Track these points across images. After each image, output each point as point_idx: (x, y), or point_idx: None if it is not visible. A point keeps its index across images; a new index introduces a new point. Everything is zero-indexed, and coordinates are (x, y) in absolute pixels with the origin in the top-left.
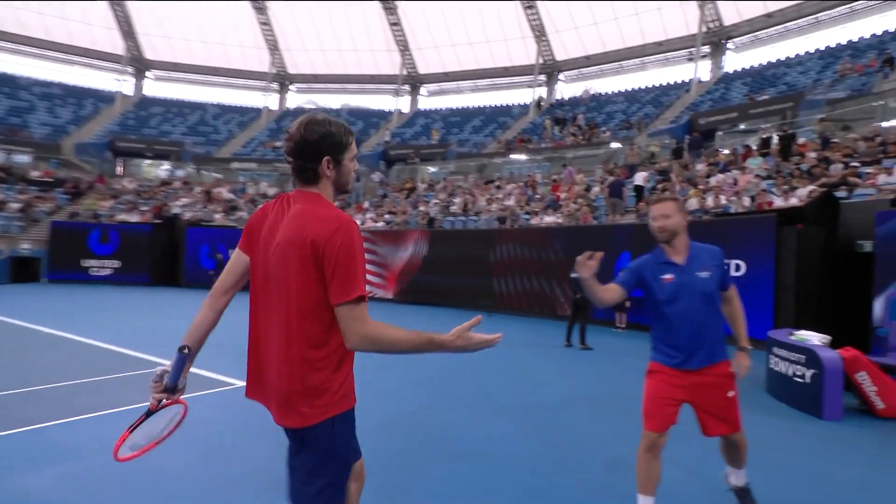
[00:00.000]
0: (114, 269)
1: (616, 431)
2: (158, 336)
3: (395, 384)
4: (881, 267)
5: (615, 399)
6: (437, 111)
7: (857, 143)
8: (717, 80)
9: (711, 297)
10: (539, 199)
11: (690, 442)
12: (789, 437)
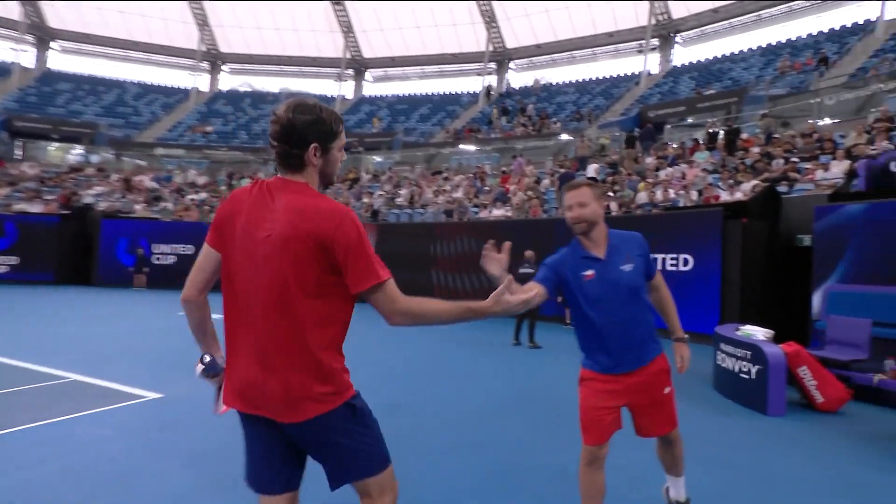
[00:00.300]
0: (10, 266)
1: (563, 437)
2: (67, 344)
3: None
4: (819, 261)
5: (562, 401)
6: (383, 98)
7: (796, 140)
8: (666, 74)
9: (637, 291)
10: (488, 191)
11: (633, 446)
12: (735, 433)
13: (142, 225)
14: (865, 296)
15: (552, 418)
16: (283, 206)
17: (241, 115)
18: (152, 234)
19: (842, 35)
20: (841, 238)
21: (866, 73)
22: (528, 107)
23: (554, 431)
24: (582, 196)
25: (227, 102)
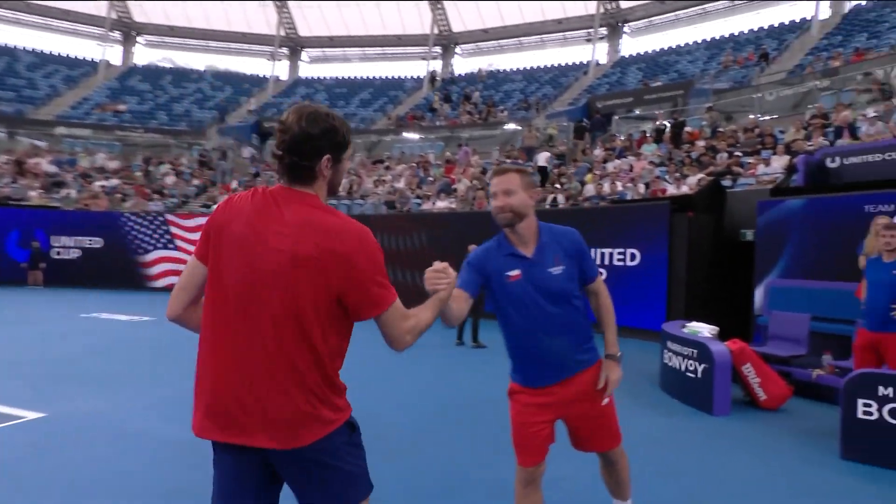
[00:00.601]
0: None
1: (507, 447)
2: None
3: None
4: (761, 255)
5: (504, 406)
6: (321, 80)
7: (739, 134)
8: (614, 64)
9: (565, 297)
10: (432, 181)
11: (570, 457)
12: (683, 436)
13: (38, 214)
14: (804, 290)
15: (495, 426)
16: (297, 220)
17: (160, 94)
18: (51, 225)
19: (781, 32)
20: (782, 233)
21: (803, 70)
22: (475, 94)
23: (497, 441)
24: (509, 182)
25: (144, 79)
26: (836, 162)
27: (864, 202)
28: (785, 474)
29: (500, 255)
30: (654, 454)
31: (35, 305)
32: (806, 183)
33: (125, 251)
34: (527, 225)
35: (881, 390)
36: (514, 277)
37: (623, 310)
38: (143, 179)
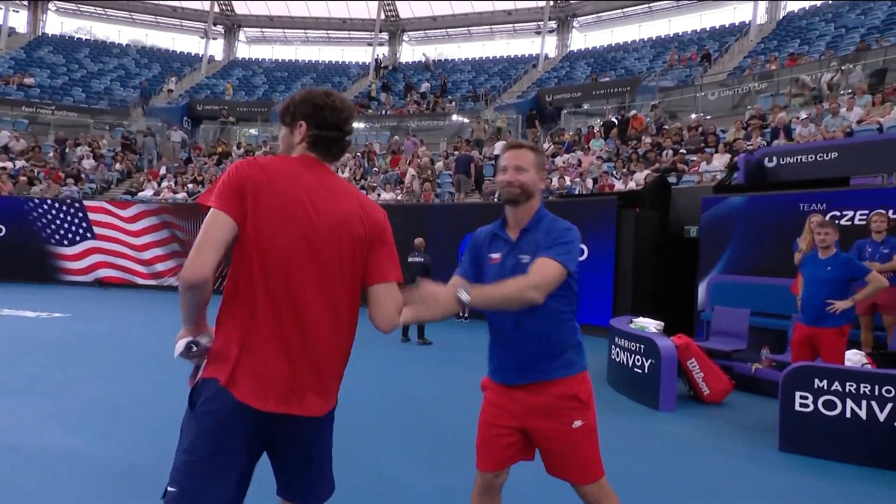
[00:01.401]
0: None
1: (447, 453)
2: None
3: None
4: (705, 252)
5: (451, 409)
6: (259, 62)
7: (683, 132)
8: (563, 58)
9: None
10: (377, 172)
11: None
12: (628, 434)
13: None
14: (744, 286)
15: (442, 428)
16: (337, 188)
17: (75, 68)
18: None
19: (721, 34)
20: (724, 230)
21: (742, 72)
22: (424, 85)
23: (437, 447)
24: (521, 159)
25: (56, 50)
26: (773, 161)
27: (799, 200)
28: (726, 471)
29: (490, 234)
30: (609, 457)
31: None
32: (746, 181)
33: (33, 241)
34: (528, 207)
35: (816, 383)
36: (494, 260)
37: None
38: (56, 162)
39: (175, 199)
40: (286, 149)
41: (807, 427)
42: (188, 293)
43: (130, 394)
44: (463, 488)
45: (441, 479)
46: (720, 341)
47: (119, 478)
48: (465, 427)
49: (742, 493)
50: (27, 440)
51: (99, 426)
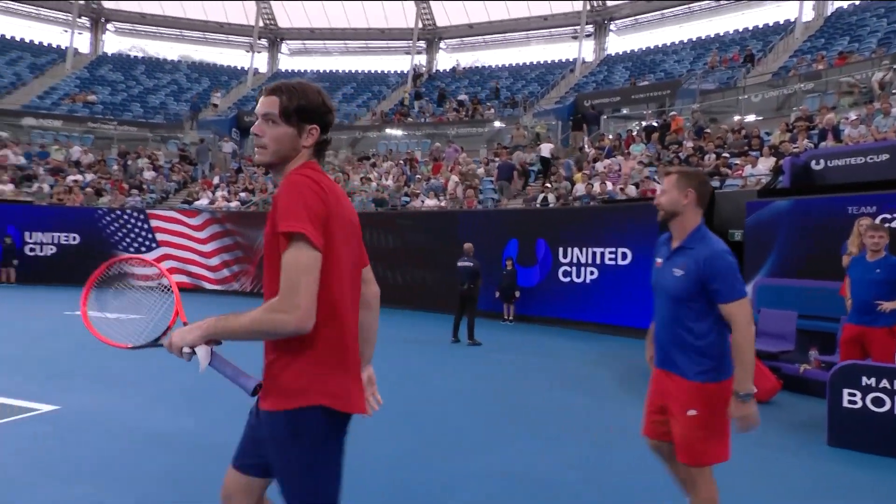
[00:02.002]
0: None
1: (513, 435)
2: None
3: None
4: (750, 255)
5: (505, 401)
6: (302, 73)
7: (727, 135)
8: (601, 62)
9: (680, 300)
10: (419, 179)
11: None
12: None
13: (10, 209)
14: (791, 289)
15: (500, 418)
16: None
17: (133, 84)
18: (24, 221)
19: (765, 33)
20: (769, 233)
21: (787, 72)
22: (461, 93)
23: (504, 432)
24: (666, 181)
25: (115, 68)
26: (820, 164)
27: (848, 203)
28: (776, 462)
29: (665, 239)
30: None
31: (11, 303)
32: (792, 184)
33: (105, 248)
34: (679, 222)
35: (864, 380)
36: (658, 264)
37: (614, 308)
38: (120, 174)
39: (229, 208)
40: (288, 150)
41: (855, 423)
42: (281, 333)
43: (214, 381)
44: (527, 468)
45: (509, 461)
46: (767, 343)
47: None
48: (520, 418)
49: (791, 484)
50: (139, 420)
51: (197, 409)
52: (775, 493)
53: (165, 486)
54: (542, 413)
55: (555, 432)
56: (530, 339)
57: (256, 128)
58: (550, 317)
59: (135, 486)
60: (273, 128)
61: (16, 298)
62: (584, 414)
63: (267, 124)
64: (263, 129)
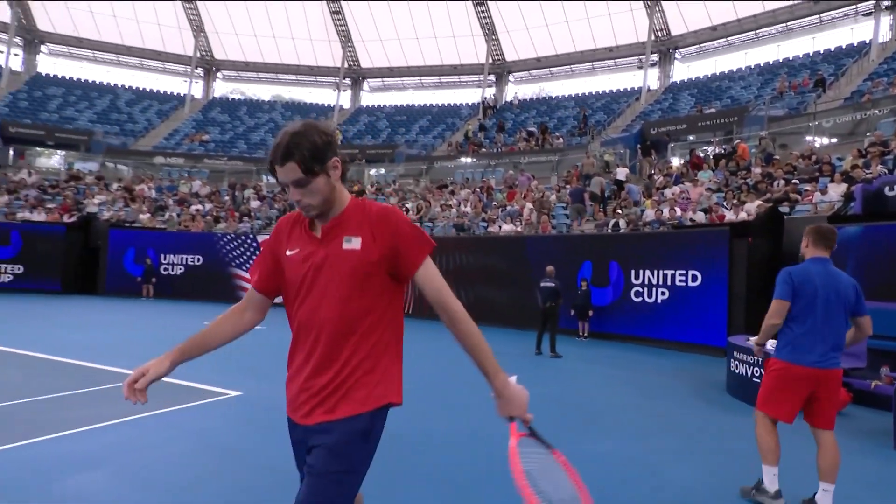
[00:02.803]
0: (15, 275)
1: (598, 433)
2: (128, 347)
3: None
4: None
5: (593, 403)
6: (381, 108)
7: (796, 161)
8: (666, 90)
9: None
10: (496, 205)
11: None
12: (749, 431)
13: (149, 235)
14: None
15: (586, 416)
16: None
17: (238, 124)
18: (160, 245)
19: (837, 56)
20: (840, 257)
21: (861, 95)
22: (531, 125)
23: (588, 427)
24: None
25: (223, 110)
26: (894, 191)
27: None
28: (843, 464)
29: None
30: (726, 446)
31: (168, 313)
32: (864, 211)
33: (223, 267)
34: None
35: None
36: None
37: (685, 326)
38: (231, 203)
39: None
40: (329, 195)
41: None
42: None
43: None
44: (604, 453)
45: (595, 444)
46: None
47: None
48: (618, 425)
49: (859, 480)
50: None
51: None
52: (845, 489)
53: None
54: (628, 414)
55: (640, 430)
56: (605, 353)
57: (294, 195)
58: (623, 334)
59: None
60: (307, 188)
61: (162, 310)
62: (666, 416)
63: (300, 190)
64: (301, 194)
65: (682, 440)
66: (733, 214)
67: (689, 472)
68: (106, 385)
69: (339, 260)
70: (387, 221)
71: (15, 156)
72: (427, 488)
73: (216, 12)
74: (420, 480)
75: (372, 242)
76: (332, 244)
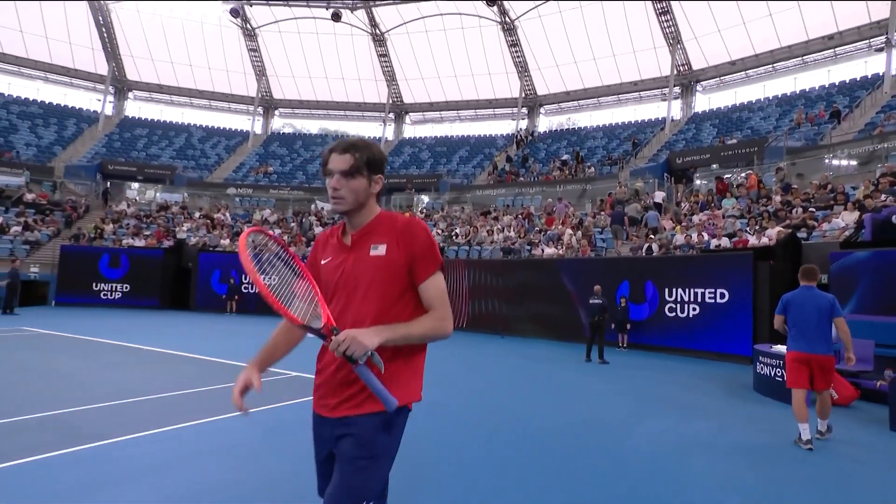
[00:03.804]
0: (123, 292)
1: (660, 413)
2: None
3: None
4: (834, 295)
5: (645, 397)
6: (423, 140)
7: (813, 190)
8: (689, 120)
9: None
10: (538, 230)
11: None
12: (771, 419)
13: (231, 258)
14: (870, 323)
15: (641, 405)
16: None
17: (295, 157)
18: (241, 266)
19: (852, 88)
20: (851, 278)
21: (874, 128)
22: (563, 154)
23: (645, 412)
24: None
25: (281, 144)
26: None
27: None
28: (844, 438)
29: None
30: (758, 428)
31: (254, 325)
32: (873, 238)
33: None
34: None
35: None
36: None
37: (714, 338)
38: (298, 229)
39: None
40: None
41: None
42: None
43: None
44: (651, 443)
45: (639, 440)
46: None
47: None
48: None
49: (859, 450)
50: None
51: (510, 395)
52: (853, 455)
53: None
54: (673, 405)
55: (686, 415)
56: (644, 361)
57: (335, 182)
58: (658, 345)
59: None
60: (350, 181)
61: (252, 322)
62: (705, 406)
63: (344, 178)
64: (341, 182)
65: (721, 420)
66: (756, 239)
67: (731, 440)
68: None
69: (366, 264)
70: (410, 232)
71: (112, 189)
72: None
73: (277, 57)
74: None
75: (396, 249)
76: (360, 251)
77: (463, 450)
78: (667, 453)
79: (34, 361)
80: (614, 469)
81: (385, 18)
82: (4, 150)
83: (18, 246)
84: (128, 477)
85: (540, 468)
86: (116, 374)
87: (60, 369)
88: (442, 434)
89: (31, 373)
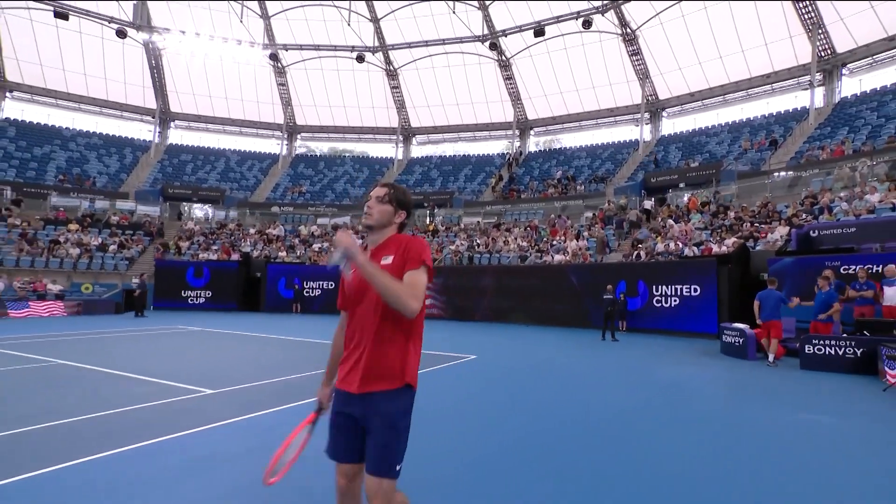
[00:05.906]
0: (206, 298)
1: (657, 368)
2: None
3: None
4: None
5: (649, 369)
6: (429, 159)
7: (760, 208)
8: (657, 142)
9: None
10: (545, 241)
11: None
12: (732, 371)
13: (294, 267)
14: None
15: (649, 363)
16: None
17: (322, 176)
18: (302, 274)
19: (786, 118)
20: (782, 277)
21: (801, 157)
22: (558, 172)
23: (653, 366)
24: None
25: (307, 165)
26: (816, 233)
27: (825, 260)
28: (776, 372)
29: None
30: (724, 377)
31: (316, 322)
32: (797, 247)
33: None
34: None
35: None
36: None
37: (689, 321)
38: None
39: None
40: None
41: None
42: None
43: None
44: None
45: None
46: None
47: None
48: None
49: (774, 380)
50: (521, 367)
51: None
52: (773, 379)
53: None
54: (669, 362)
55: (680, 366)
56: (641, 340)
57: (371, 202)
58: (649, 328)
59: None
60: (380, 205)
61: (314, 320)
62: (691, 363)
63: (377, 203)
64: (374, 204)
65: (703, 369)
66: (718, 248)
67: (710, 376)
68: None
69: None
70: (409, 244)
71: (172, 211)
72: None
73: (302, 89)
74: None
75: (399, 258)
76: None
77: (545, 373)
78: (673, 383)
79: (219, 346)
80: (647, 387)
81: (398, 56)
82: (84, 179)
83: (120, 261)
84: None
85: (594, 383)
86: (284, 353)
87: (243, 352)
88: (520, 373)
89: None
